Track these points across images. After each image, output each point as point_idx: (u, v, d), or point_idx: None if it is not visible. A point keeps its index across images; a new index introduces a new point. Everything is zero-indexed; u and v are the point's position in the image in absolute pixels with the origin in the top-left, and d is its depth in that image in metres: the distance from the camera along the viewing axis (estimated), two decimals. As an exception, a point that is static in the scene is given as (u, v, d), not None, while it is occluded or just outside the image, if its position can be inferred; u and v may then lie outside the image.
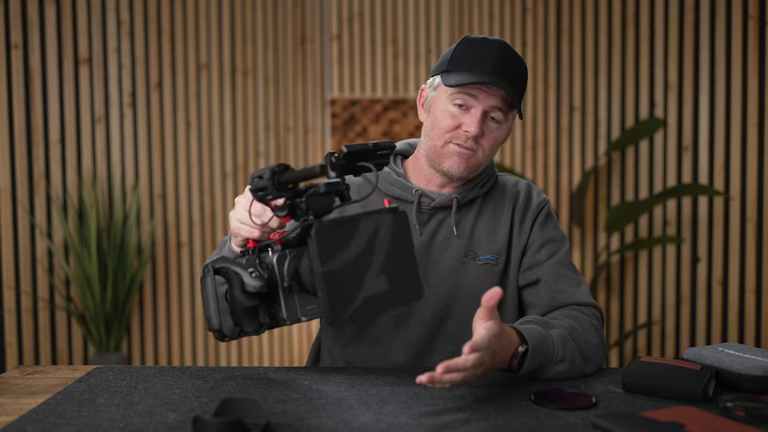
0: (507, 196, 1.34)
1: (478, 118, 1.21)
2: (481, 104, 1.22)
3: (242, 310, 1.00)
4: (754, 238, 3.24)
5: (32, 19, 3.17)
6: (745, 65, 3.22)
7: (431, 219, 1.30)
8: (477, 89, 1.21)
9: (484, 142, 1.24)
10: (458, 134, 1.23)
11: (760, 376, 1.00)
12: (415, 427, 0.87)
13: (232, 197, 3.33)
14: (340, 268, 0.91)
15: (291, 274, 1.00)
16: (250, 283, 0.98)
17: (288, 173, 0.98)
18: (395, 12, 3.34)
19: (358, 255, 0.93)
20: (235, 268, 1.00)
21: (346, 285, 0.92)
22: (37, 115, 3.19)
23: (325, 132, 3.36)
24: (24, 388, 1.07)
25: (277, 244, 1.01)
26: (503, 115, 1.24)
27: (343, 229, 0.93)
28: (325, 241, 0.90)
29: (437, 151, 1.26)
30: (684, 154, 3.30)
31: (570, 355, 1.10)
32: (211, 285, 1.01)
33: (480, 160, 1.26)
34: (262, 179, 0.98)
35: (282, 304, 1.01)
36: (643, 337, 3.36)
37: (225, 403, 0.88)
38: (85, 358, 3.25)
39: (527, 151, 3.37)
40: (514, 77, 1.22)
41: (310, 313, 1.01)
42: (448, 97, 1.24)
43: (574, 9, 3.34)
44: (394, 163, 1.36)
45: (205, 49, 3.30)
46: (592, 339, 1.16)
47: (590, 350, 1.14)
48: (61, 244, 3.20)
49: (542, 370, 1.09)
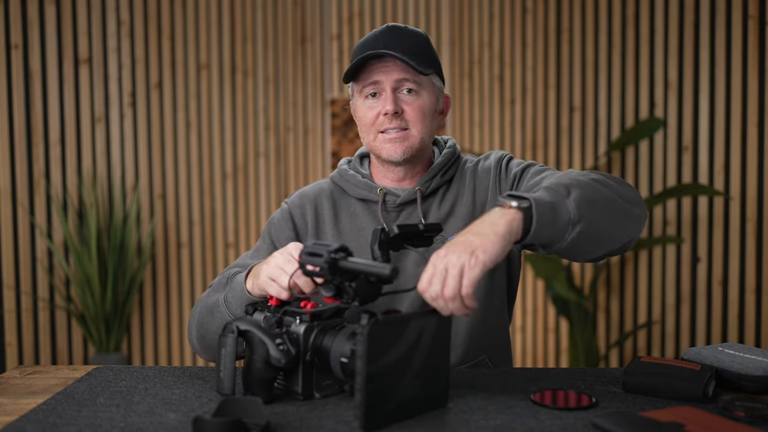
0: (467, 173, 1.32)
1: (390, 95, 1.23)
2: (385, 83, 1.23)
3: (258, 380, 0.95)
4: (754, 238, 3.24)
5: (32, 19, 3.17)
6: (745, 65, 3.22)
7: (399, 215, 1.30)
8: (377, 73, 1.23)
9: (410, 116, 1.24)
10: (381, 121, 1.24)
11: (760, 376, 1.00)
12: (415, 427, 0.87)
13: (232, 197, 3.33)
14: (381, 370, 0.85)
15: (315, 348, 0.95)
16: (276, 356, 0.93)
17: (347, 263, 0.93)
18: (395, 12, 3.34)
19: (400, 357, 0.87)
20: (262, 336, 0.94)
21: (383, 387, 0.86)
22: (37, 115, 3.19)
23: (325, 132, 3.35)
24: (24, 388, 1.07)
25: (307, 314, 0.97)
26: (415, 84, 1.24)
27: (393, 328, 0.87)
28: (374, 341, 0.84)
29: (372, 146, 1.28)
30: (684, 154, 3.30)
31: (597, 196, 0.98)
32: (232, 347, 0.94)
33: (415, 135, 1.25)
34: (317, 258, 0.94)
35: (300, 377, 0.97)
36: (643, 337, 3.36)
37: (225, 403, 0.88)
38: (85, 358, 3.25)
39: (527, 151, 3.37)
40: (406, 44, 1.23)
41: (325, 390, 0.99)
42: (359, 94, 1.27)
43: (574, 9, 3.34)
44: (360, 165, 1.37)
45: (205, 49, 3.30)
46: (621, 184, 1.05)
47: (628, 191, 1.04)
48: (61, 244, 3.20)
49: (561, 230, 0.95)
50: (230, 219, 3.34)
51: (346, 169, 1.36)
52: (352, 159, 1.41)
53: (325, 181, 1.39)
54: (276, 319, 0.99)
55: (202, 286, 3.33)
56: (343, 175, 1.35)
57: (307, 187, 1.39)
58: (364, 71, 1.24)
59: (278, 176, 3.36)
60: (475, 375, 1.13)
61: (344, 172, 1.35)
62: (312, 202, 1.34)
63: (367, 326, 0.82)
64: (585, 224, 0.96)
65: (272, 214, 1.39)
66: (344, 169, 1.36)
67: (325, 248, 0.93)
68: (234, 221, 3.34)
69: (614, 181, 1.06)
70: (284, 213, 1.34)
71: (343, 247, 0.94)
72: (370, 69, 1.23)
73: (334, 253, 0.93)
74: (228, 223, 3.34)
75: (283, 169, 3.36)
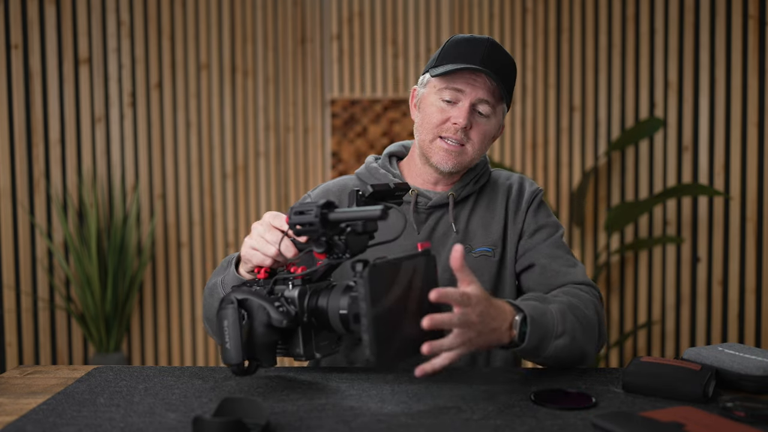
0: (500, 189, 1.35)
1: (466, 109, 1.23)
2: (467, 97, 1.24)
3: (261, 345, 0.97)
4: (754, 238, 3.24)
5: (32, 19, 3.17)
6: (745, 65, 3.22)
7: (429, 218, 1.31)
8: (463, 83, 1.23)
9: (473, 135, 1.26)
10: (447, 127, 1.25)
11: (760, 376, 1.00)
12: (415, 427, 0.87)
13: (232, 197, 3.33)
14: (382, 312, 0.89)
15: (311, 309, 0.98)
16: (277, 318, 0.95)
17: (337, 213, 0.95)
18: (395, 12, 3.34)
19: (398, 298, 0.92)
20: (261, 301, 0.97)
21: (387, 328, 0.89)
22: (37, 115, 3.19)
23: (325, 132, 3.35)
24: (24, 388, 1.07)
25: (297, 278, 0.99)
26: (491, 108, 1.26)
27: (388, 272, 0.91)
28: (373, 283, 0.88)
29: (427, 146, 1.28)
30: (684, 154, 3.30)
31: (570, 328, 1.08)
32: (234, 317, 0.96)
33: (470, 154, 1.27)
34: (306, 215, 0.95)
35: (300, 339, 0.99)
36: (643, 337, 3.36)
37: (225, 403, 0.88)
38: (85, 358, 3.25)
39: (527, 151, 3.37)
40: (501, 69, 1.24)
41: (324, 349, 1.01)
42: (436, 93, 1.26)
43: (574, 9, 3.34)
44: (390, 164, 1.37)
45: (205, 49, 3.30)
46: (591, 315, 1.14)
47: (590, 326, 1.13)
48: (61, 244, 3.20)
49: (543, 345, 1.05)
50: (230, 219, 3.34)
51: (377, 167, 1.36)
52: (380, 157, 1.41)
53: (349, 178, 1.39)
54: (268, 290, 1.00)
55: (202, 286, 3.33)
56: (373, 173, 1.35)
57: (331, 182, 1.39)
58: (453, 73, 1.24)
59: (278, 176, 3.36)
60: (476, 375, 1.13)
61: (374, 170, 1.35)
62: (336, 197, 1.34)
63: (366, 269, 0.87)
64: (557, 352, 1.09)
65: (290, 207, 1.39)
66: (374, 167, 1.35)
67: (313, 204, 0.95)
68: (234, 221, 3.34)
69: (590, 324, 1.14)
70: None
71: (329, 202, 0.96)
72: (460, 74, 1.24)
73: (323, 207, 0.95)
74: (228, 223, 3.34)
75: (283, 169, 3.36)
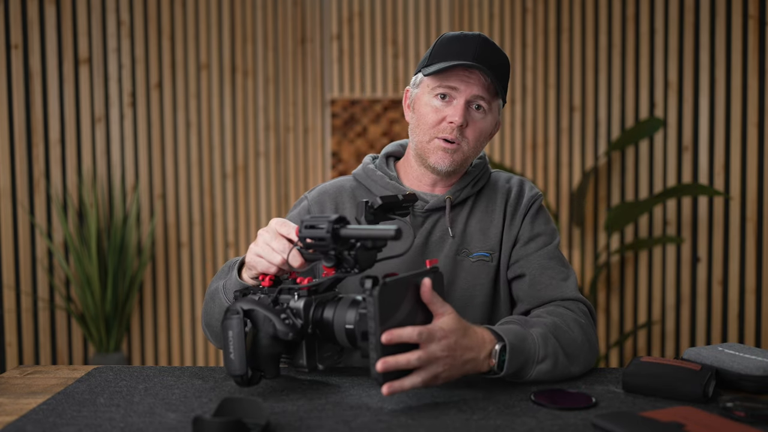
0: (499, 192, 1.33)
1: (462, 106, 1.22)
2: (462, 94, 1.22)
3: (266, 356, 0.96)
4: (754, 238, 3.24)
5: (32, 19, 3.17)
6: (745, 65, 3.22)
7: (425, 221, 1.29)
8: (457, 80, 1.21)
9: (469, 133, 1.24)
10: (443, 127, 1.23)
11: (760, 376, 1.00)
12: (415, 427, 0.87)
13: (232, 197, 3.33)
14: (391, 328, 0.90)
15: (316, 321, 0.98)
16: (283, 330, 0.94)
17: (349, 230, 0.95)
18: (395, 12, 3.34)
19: (405, 316, 0.92)
20: (267, 313, 0.96)
21: (395, 346, 0.90)
22: (37, 115, 3.19)
23: (325, 132, 3.35)
24: (24, 388, 1.07)
25: (303, 290, 0.99)
26: (487, 104, 1.24)
27: (397, 290, 0.91)
28: (383, 302, 0.88)
29: (423, 147, 1.26)
30: (684, 154, 3.30)
31: (552, 352, 1.06)
32: (239, 328, 0.94)
33: (466, 152, 1.25)
34: (317, 230, 0.95)
35: (303, 350, 0.99)
36: (643, 337, 3.36)
37: (225, 403, 0.88)
38: (85, 358, 3.25)
39: (527, 151, 3.37)
40: (494, 64, 1.22)
41: (327, 361, 1.01)
42: (430, 92, 1.24)
43: (574, 9, 3.34)
44: (387, 165, 1.36)
45: (205, 49, 3.30)
46: (576, 336, 1.12)
47: (574, 348, 1.10)
48: (61, 244, 3.20)
49: (525, 370, 1.05)
50: (230, 219, 3.34)
51: (374, 168, 1.34)
52: (377, 156, 1.39)
53: (346, 179, 1.37)
54: (272, 299, 1.00)
55: (202, 286, 3.33)
56: (370, 174, 1.33)
57: (328, 183, 1.37)
58: (446, 71, 1.22)
59: (278, 176, 3.36)
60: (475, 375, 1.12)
61: (371, 172, 1.33)
62: (332, 199, 1.33)
63: (376, 288, 0.87)
64: (540, 376, 1.07)
65: (290, 207, 1.38)
66: (371, 169, 1.34)
67: (325, 219, 0.95)
68: (234, 221, 3.34)
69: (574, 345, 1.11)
70: (302, 209, 1.33)
71: (341, 217, 0.96)
72: (453, 71, 1.22)
73: (335, 223, 0.95)
74: (228, 223, 3.34)
75: (283, 169, 3.36)
